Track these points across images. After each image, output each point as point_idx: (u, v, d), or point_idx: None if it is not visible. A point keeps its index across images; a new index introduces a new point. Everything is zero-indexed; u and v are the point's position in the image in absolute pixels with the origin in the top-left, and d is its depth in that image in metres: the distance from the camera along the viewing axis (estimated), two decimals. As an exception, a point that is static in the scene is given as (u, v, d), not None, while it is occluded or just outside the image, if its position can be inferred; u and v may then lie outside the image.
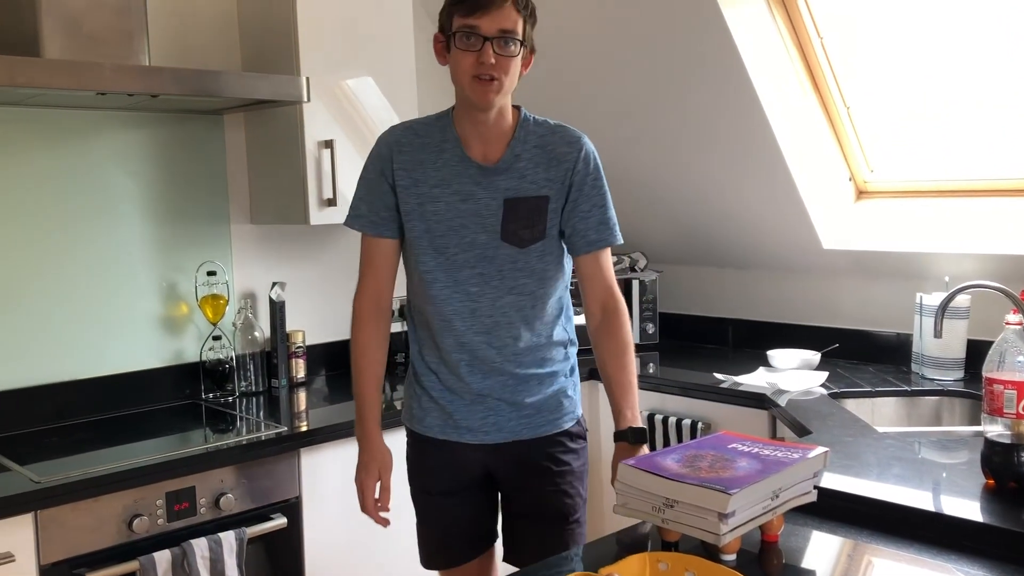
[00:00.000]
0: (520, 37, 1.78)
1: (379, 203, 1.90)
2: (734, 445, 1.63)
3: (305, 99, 2.47)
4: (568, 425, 1.99)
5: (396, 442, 2.12)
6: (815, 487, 1.58)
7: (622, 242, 1.96)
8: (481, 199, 1.86)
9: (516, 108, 1.91)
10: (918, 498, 1.67)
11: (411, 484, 2.07)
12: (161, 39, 2.64)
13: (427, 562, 2.08)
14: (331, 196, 2.69)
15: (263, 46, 2.75)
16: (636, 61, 2.94)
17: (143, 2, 2.33)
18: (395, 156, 1.88)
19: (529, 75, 1.89)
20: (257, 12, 2.77)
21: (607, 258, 1.95)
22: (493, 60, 1.75)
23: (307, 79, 2.48)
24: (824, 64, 2.89)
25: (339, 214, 2.72)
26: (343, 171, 2.71)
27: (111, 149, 2.61)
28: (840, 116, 2.97)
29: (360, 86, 2.78)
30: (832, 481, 1.74)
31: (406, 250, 1.94)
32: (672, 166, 3.17)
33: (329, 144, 2.68)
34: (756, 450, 1.58)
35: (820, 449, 1.58)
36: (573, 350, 2.04)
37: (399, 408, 2.48)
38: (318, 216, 2.69)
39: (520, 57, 1.80)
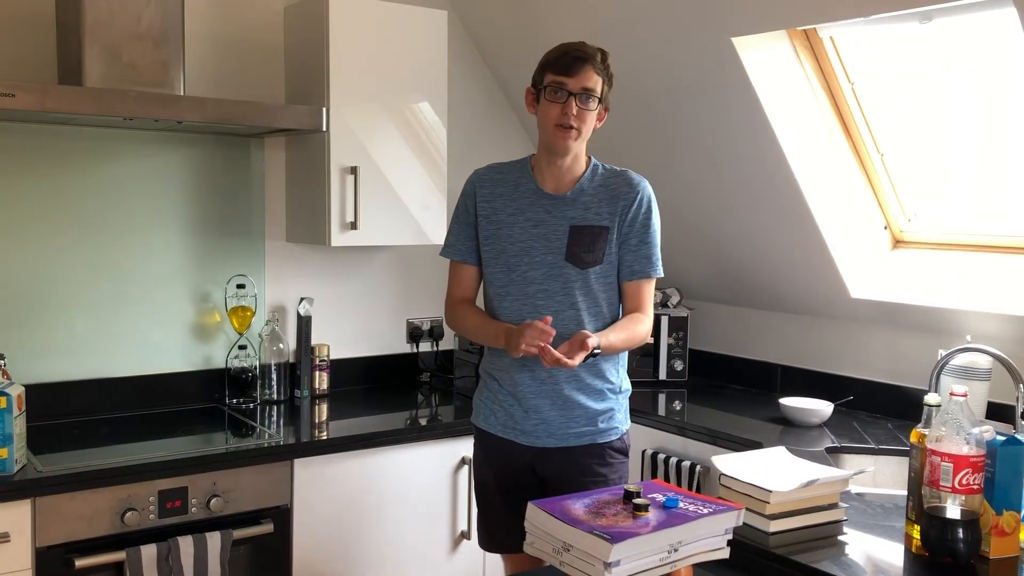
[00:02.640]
0: (599, 95, 2.12)
1: (464, 234, 2.27)
2: (655, 495, 1.65)
3: (323, 128, 2.62)
4: (612, 438, 2.24)
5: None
6: (728, 543, 1.58)
7: (662, 275, 2.24)
8: (550, 225, 2.18)
9: (588, 157, 2.24)
10: (846, 565, 1.64)
11: (475, 475, 2.37)
12: (213, 68, 2.86)
13: (484, 545, 2.37)
14: (352, 220, 2.82)
15: (303, 76, 2.92)
16: (660, 107, 2.96)
17: (181, 34, 2.52)
18: (478, 191, 2.26)
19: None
20: (298, 43, 2.94)
21: (648, 288, 2.24)
22: (575, 111, 2.09)
23: (325, 110, 2.62)
24: (856, 110, 2.83)
25: (360, 238, 2.86)
26: (366, 197, 2.84)
27: (159, 165, 2.83)
28: (874, 163, 2.90)
29: (389, 116, 2.90)
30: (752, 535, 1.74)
31: (483, 274, 2.26)
32: (704, 209, 3.16)
33: (354, 171, 2.81)
34: (674, 502, 1.59)
35: (734, 506, 1.59)
36: (624, 372, 2.29)
37: (423, 423, 2.89)
38: (339, 238, 2.82)
39: (596, 113, 2.14)
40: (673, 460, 2.81)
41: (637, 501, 1.55)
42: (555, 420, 2.19)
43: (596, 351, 2.05)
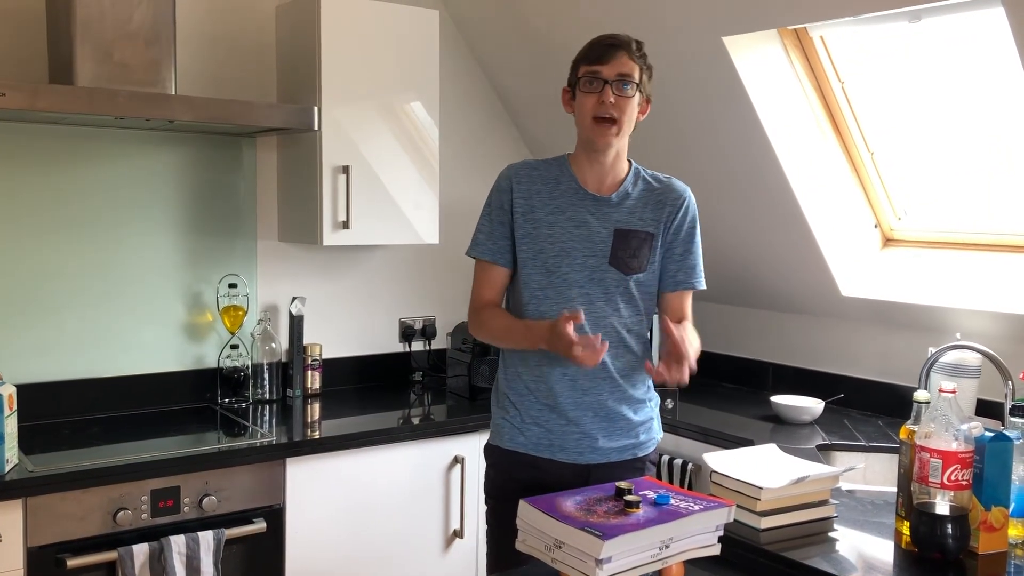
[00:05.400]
0: (636, 81, 2.01)
1: (498, 232, 2.10)
2: (646, 492, 1.65)
3: (315, 128, 2.62)
4: (649, 451, 2.16)
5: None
6: (719, 540, 1.59)
7: (704, 287, 2.15)
8: (593, 227, 2.06)
9: (629, 161, 2.13)
10: (836, 561, 1.65)
11: (491, 497, 2.16)
12: (205, 67, 2.86)
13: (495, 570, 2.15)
14: (344, 219, 2.83)
15: (295, 75, 2.92)
16: (651, 106, 2.97)
17: (172, 33, 2.52)
18: (514, 186, 2.09)
19: (559, 131, 2.04)
20: (290, 43, 2.94)
21: (689, 300, 2.16)
22: (612, 99, 1.98)
23: (317, 109, 2.62)
24: (846, 109, 2.84)
25: (352, 237, 2.86)
26: (358, 197, 2.84)
27: (150, 165, 2.82)
28: (864, 162, 2.92)
29: (381, 115, 2.90)
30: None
31: (516, 274, 2.11)
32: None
33: (346, 170, 2.81)
34: (665, 499, 1.59)
35: (725, 503, 1.59)
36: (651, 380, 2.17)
37: (416, 423, 2.82)
38: (331, 237, 2.82)
39: (636, 103, 2.03)
40: (665, 458, 2.82)
41: (628, 498, 1.55)
42: (598, 434, 2.06)
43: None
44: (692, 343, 1.96)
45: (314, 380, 3.09)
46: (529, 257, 2.07)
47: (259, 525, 2.43)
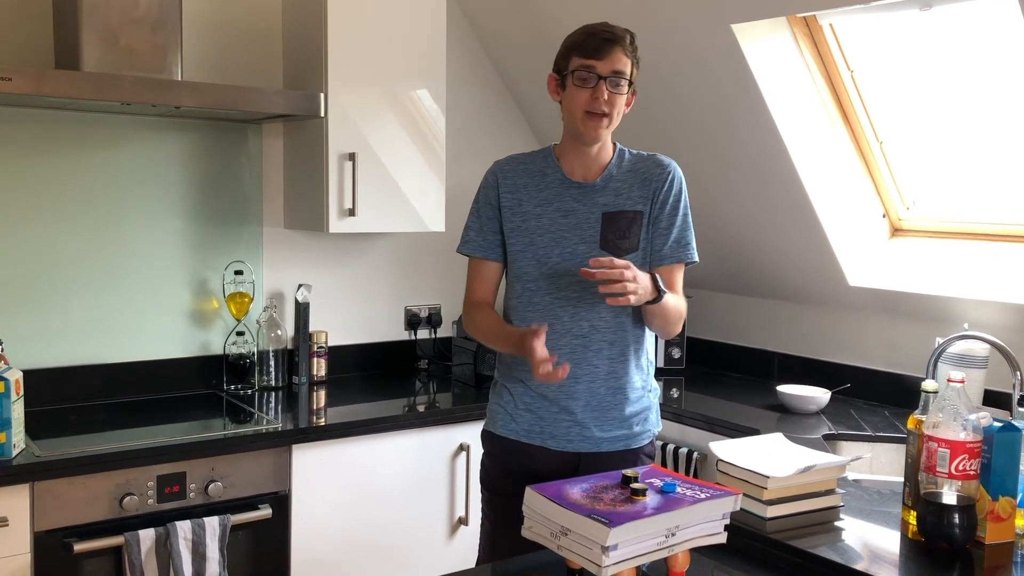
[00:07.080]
0: (629, 78, 2.00)
1: (487, 228, 2.11)
2: (652, 480, 1.65)
3: (321, 114, 2.61)
4: (644, 443, 2.13)
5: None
6: (726, 528, 1.59)
7: (696, 260, 2.10)
8: (581, 213, 2.05)
9: (614, 143, 2.12)
10: (843, 550, 1.65)
11: (486, 489, 2.17)
12: (211, 53, 2.85)
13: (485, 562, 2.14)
14: (351, 207, 2.82)
15: (301, 61, 2.91)
16: (660, 94, 2.96)
17: (179, 19, 2.51)
18: (500, 182, 2.11)
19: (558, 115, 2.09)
20: (296, 29, 2.93)
21: (679, 274, 2.10)
22: (606, 96, 1.96)
23: (323, 95, 2.62)
24: (855, 98, 2.83)
25: (358, 224, 2.86)
26: (364, 184, 2.84)
27: (156, 151, 2.82)
28: (872, 151, 2.90)
29: (387, 102, 2.90)
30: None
31: (509, 268, 2.12)
32: (703, 197, 3.15)
33: (352, 157, 2.81)
34: (672, 487, 1.59)
35: (731, 491, 1.59)
36: (653, 370, 2.18)
37: (421, 410, 2.81)
38: (337, 225, 2.82)
39: (625, 97, 2.01)
40: (671, 447, 2.82)
41: (635, 486, 1.55)
42: (589, 423, 2.05)
43: (662, 291, 1.92)
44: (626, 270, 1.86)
45: (320, 367, 3.09)
46: (520, 250, 2.08)
47: (265, 511, 2.43)
